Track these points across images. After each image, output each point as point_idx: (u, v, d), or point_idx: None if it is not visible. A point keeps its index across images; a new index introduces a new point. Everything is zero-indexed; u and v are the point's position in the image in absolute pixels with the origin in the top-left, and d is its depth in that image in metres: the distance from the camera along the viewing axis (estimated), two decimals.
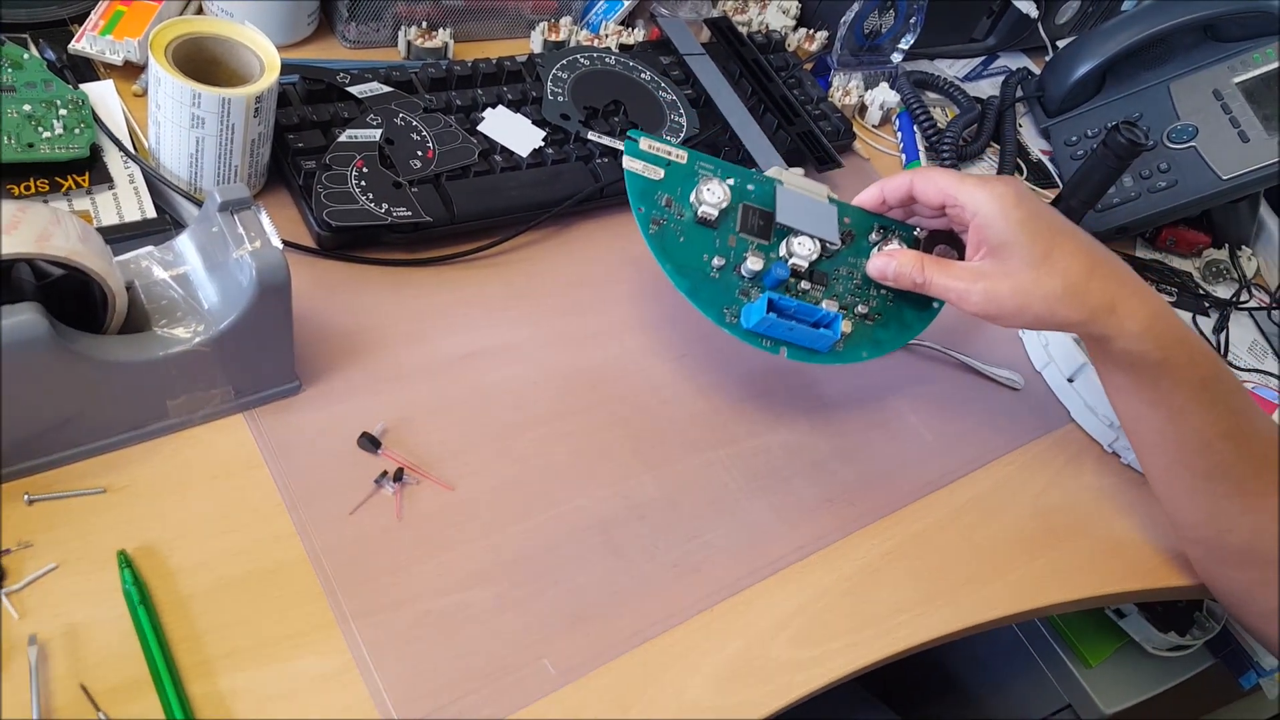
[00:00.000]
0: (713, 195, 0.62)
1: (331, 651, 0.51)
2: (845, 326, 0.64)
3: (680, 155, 0.63)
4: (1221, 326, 0.92)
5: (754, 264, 0.63)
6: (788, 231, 0.65)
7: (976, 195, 0.60)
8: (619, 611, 0.57)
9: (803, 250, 0.64)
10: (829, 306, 0.64)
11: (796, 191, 0.66)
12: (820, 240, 0.64)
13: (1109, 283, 0.58)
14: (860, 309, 0.66)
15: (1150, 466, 0.65)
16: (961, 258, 0.65)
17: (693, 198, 0.63)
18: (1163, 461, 0.64)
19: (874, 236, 0.67)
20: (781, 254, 0.64)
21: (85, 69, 0.70)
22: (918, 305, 0.67)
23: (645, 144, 0.63)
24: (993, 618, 0.63)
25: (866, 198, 0.66)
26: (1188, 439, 0.61)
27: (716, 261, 0.63)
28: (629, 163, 0.62)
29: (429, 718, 0.50)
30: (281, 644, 0.51)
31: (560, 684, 0.53)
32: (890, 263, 0.63)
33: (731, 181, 0.64)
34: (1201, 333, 0.91)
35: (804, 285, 0.65)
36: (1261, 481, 0.60)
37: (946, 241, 0.67)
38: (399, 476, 0.58)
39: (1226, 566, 0.63)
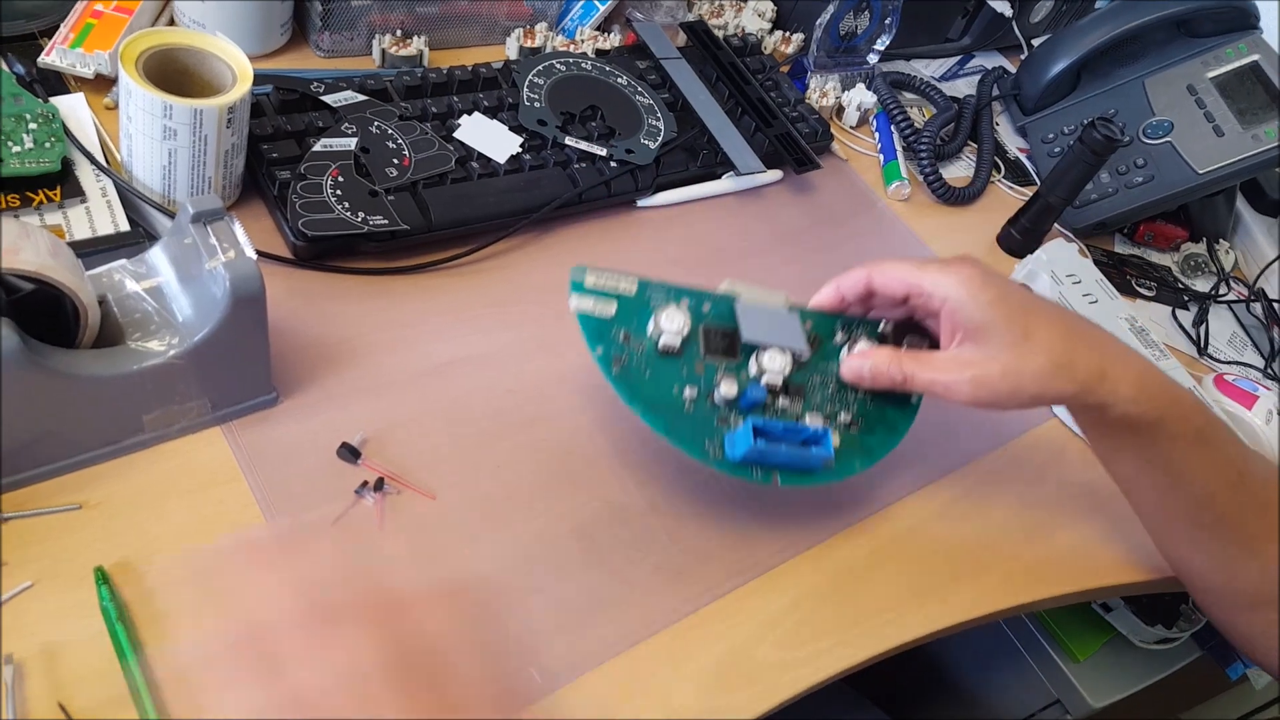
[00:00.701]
0: (672, 323, 0.57)
1: None
2: (834, 439, 0.59)
3: (628, 285, 0.58)
4: (1201, 320, 0.92)
5: (728, 389, 0.58)
6: (755, 347, 0.59)
7: (942, 281, 0.57)
8: (603, 618, 0.56)
9: (774, 365, 0.58)
10: (813, 421, 0.59)
11: (755, 304, 0.61)
12: (789, 351, 0.59)
13: (1092, 351, 0.57)
14: (843, 417, 0.61)
15: (1153, 523, 0.64)
16: (933, 347, 0.62)
17: (650, 328, 0.58)
18: (1165, 517, 0.62)
19: (840, 338, 0.62)
20: (752, 373, 0.59)
21: (55, 83, 0.70)
22: (898, 403, 0.62)
23: (591, 279, 0.57)
24: (979, 614, 0.63)
25: (824, 299, 0.63)
26: (1190, 493, 0.59)
27: (688, 393, 0.58)
28: (577, 302, 0.57)
29: None
30: None
31: (546, 692, 0.53)
32: (865, 364, 0.59)
33: (687, 303, 0.59)
34: (1181, 326, 0.91)
35: (782, 402, 0.59)
36: (1265, 525, 0.59)
37: (914, 332, 0.63)
38: (380, 486, 0.58)
39: (1239, 612, 0.62)
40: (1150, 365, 0.58)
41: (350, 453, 0.58)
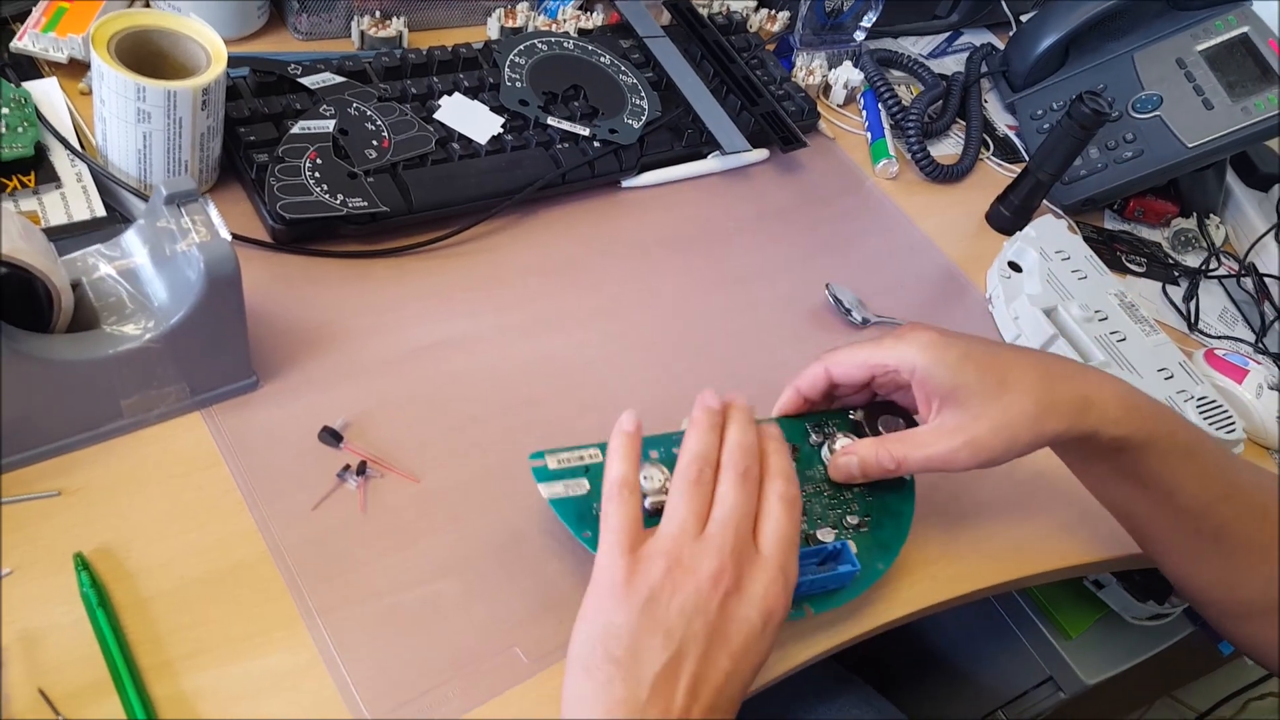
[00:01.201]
0: (652, 482, 0.53)
1: (297, 649, 0.50)
2: (852, 548, 0.55)
3: (593, 453, 0.54)
4: (1191, 295, 0.92)
5: None
6: None
7: (904, 352, 0.55)
8: None
9: None
10: (825, 536, 0.56)
11: None
12: None
13: (1070, 381, 0.55)
14: (850, 520, 0.58)
15: (1150, 545, 0.63)
16: (909, 422, 0.60)
17: None
18: (1164, 536, 0.61)
19: (814, 439, 0.60)
20: None
21: (28, 67, 0.69)
22: (895, 486, 0.59)
23: (553, 461, 0.54)
24: (969, 591, 0.63)
25: (785, 403, 0.61)
26: (1185, 509, 0.58)
27: None
28: (548, 489, 0.53)
29: (400, 712, 0.50)
30: (245, 642, 0.50)
31: (533, 672, 0.53)
32: (852, 460, 0.57)
33: (657, 455, 0.55)
34: (1171, 302, 0.91)
35: None
36: (1264, 534, 0.59)
37: (887, 412, 0.61)
38: (362, 470, 0.57)
39: (1246, 623, 0.62)
40: (1128, 385, 0.57)
41: (332, 436, 0.58)
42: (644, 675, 0.45)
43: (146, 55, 0.62)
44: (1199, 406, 0.75)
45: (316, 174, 0.65)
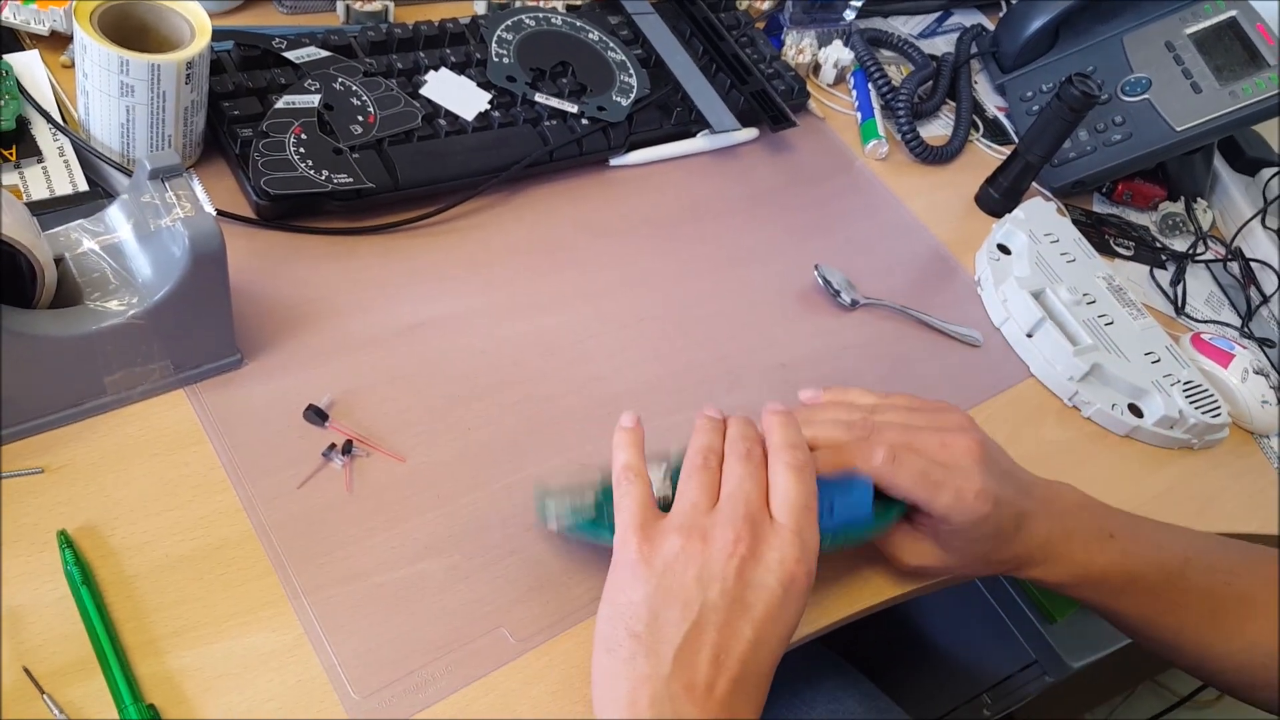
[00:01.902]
0: (657, 476, 0.53)
1: (282, 628, 0.50)
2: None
3: (591, 478, 0.55)
4: (1178, 279, 0.92)
5: None
6: None
7: (939, 507, 0.55)
8: (576, 579, 0.56)
9: None
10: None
11: None
12: None
13: (1052, 529, 0.59)
14: None
15: (1137, 636, 0.65)
16: None
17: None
18: (1144, 633, 0.64)
19: None
20: None
21: (9, 40, 0.68)
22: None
23: (554, 505, 0.55)
24: None
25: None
26: (1163, 625, 0.62)
27: None
28: (558, 524, 0.55)
29: (386, 692, 0.49)
30: (230, 621, 0.50)
31: (520, 652, 0.53)
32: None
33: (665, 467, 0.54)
34: (1159, 285, 0.91)
35: None
36: (1219, 624, 0.62)
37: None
38: (348, 449, 0.57)
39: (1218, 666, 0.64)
40: (1086, 540, 0.60)
41: (317, 415, 0.57)
42: (665, 648, 0.46)
43: (130, 28, 0.61)
44: (1185, 390, 0.75)
45: (301, 149, 0.65)
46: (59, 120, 0.63)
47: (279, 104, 0.66)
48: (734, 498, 0.49)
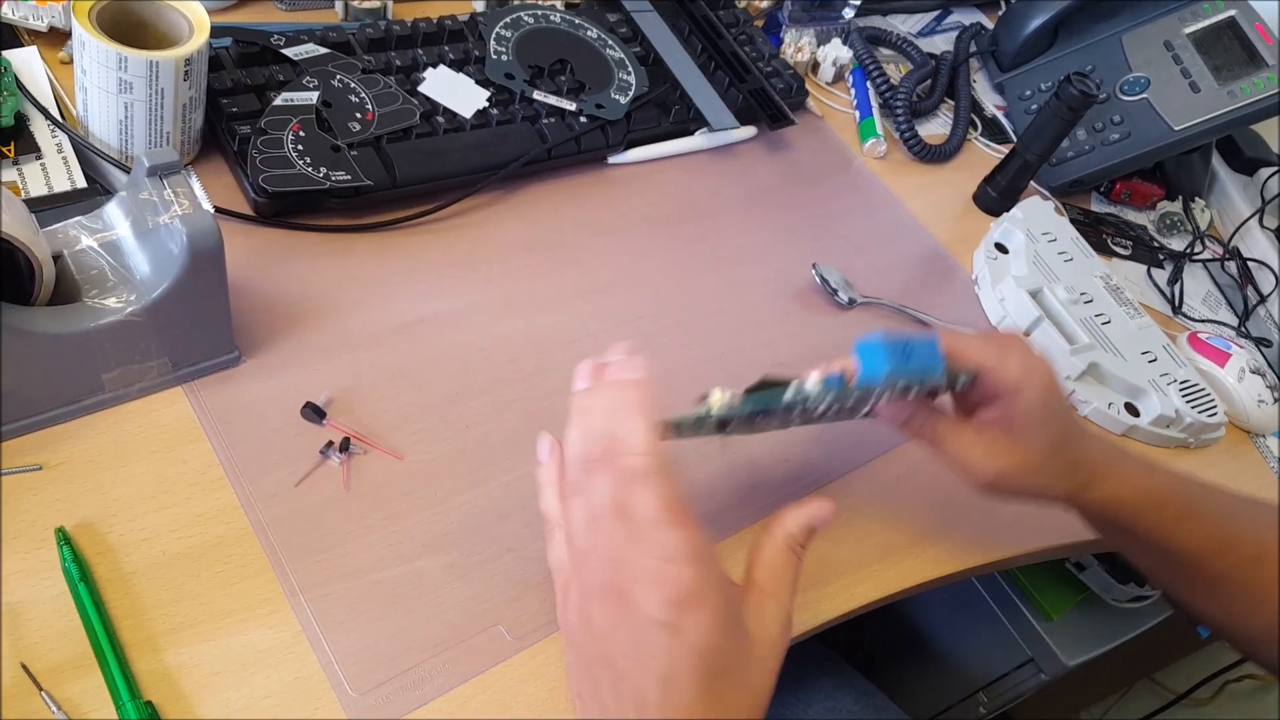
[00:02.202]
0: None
1: (280, 625, 0.50)
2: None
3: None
4: (1175, 278, 0.92)
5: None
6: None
7: (1010, 370, 0.54)
8: None
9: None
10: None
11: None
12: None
13: (1093, 465, 0.57)
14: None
15: (1153, 579, 0.66)
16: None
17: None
18: (1163, 579, 0.63)
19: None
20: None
21: (8, 36, 0.68)
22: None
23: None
24: (951, 571, 0.63)
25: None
26: (1181, 562, 0.60)
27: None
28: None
29: (383, 690, 0.49)
30: (228, 618, 0.50)
31: (516, 650, 0.53)
32: (903, 410, 0.56)
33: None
34: (1156, 285, 0.91)
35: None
36: (1260, 578, 0.60)
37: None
38: (345, 446, 0.57)
39: (1256, 647, 0.63)
40: (1138, 462, 0.58)
41: (315, 413, 0.57)
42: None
43: (128, 25, 0.61)
44: (1182, 390, 0.75)
45: (299, 146, 0.65)
46: (57, 117, 0.63)
47: (277, 101, 0.66)
48: (584, 524, 0.44)
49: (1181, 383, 0.76)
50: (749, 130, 0.85)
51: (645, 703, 0.41)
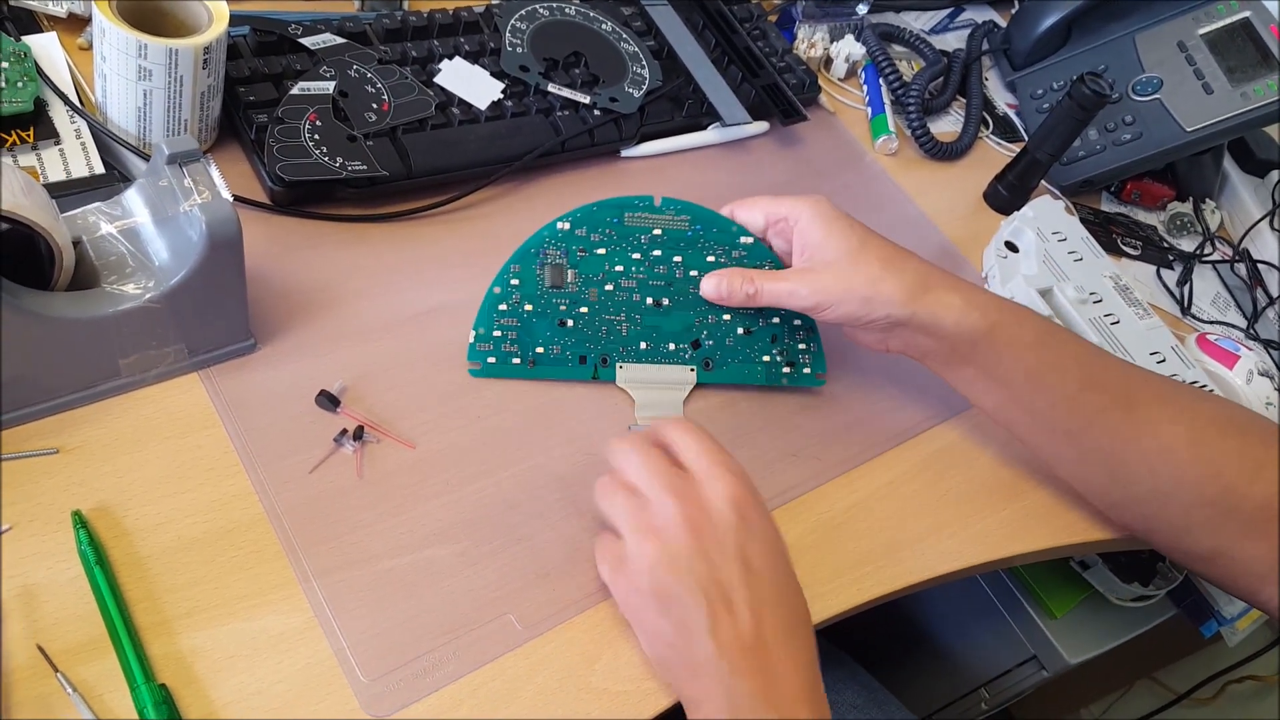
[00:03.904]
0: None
1: (292, 611, 0.51)
2: None
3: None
4: (1185, 279, 0.92)
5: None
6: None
7: (797, 204, 0.63)
8: (583, 567, 0.56)
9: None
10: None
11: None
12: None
13: (919, 266, 0.61)
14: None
15: (1038, 449, 0.66)
16: None
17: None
18: (1045, 438, 0.64)
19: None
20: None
21: (28, 22, 0.68)
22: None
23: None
24: (958, 568, 0.64)
25: None
26: (1047, 400, 0.62)
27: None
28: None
29: (395, 676, 0.50)
30: (241, 603, 0.50)
31: (526, 639, 0.53)
32: (721, 281, 0.64)
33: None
34: (1165, 286, 0.91)
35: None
36: (1139, 415, 0.61)
37: None
38: (359, 435, 0.57)
39: (1132, 511, 0.64)
40: (976, 285, 0.62)
41: (329, 401, 0.58)
42: (699, 638, 0.49)
43: (148, 12, 0.61)
44: None
45: (316, 136, 0.65)
46: (76, 103, 0.63)
47: (294, 90, 0.66)
48: (647, 480, 0.52)
49: (1190, 384, 0.76)
50: (761, 125, 0.85)
51: (740, 594, 0.49)
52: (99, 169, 0.62)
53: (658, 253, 0.66)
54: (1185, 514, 0.61)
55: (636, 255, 0.65)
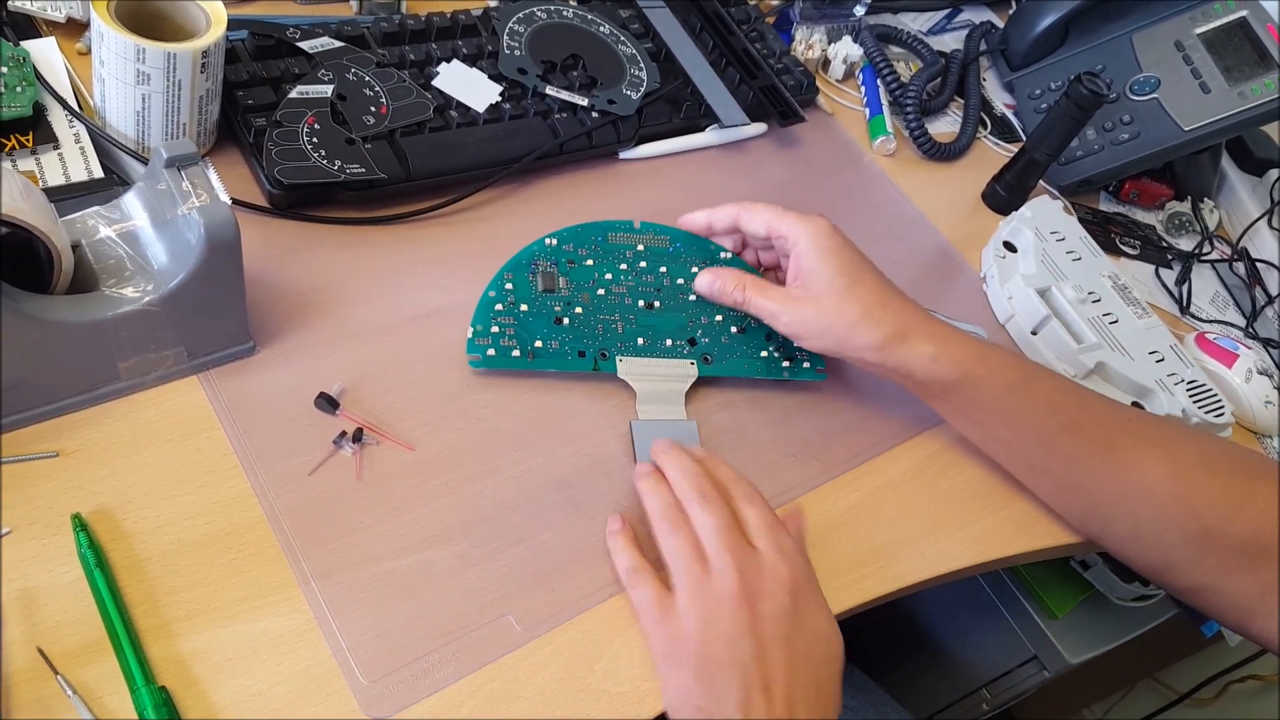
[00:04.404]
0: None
1: (292, 613, 0.51)
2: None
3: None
4: (1184, 279, 0.92)
5: None
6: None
7: (797, 226, 0.64)
8: (582, 568, 0.56)
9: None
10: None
11: (652, 421, 0.64)
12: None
13: (900, 315, 0.62)
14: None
15: (1020, 479, 0.67)
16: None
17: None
18: (1023, 473, 0.66)
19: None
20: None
21: (26, 26, 0.68)
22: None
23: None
24: (957, 568, 0.64)
25: (692, 223, 0.69)
26: (1025, 442, 0.64)
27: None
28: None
29: (394, 678, 0.50)
30: (241, 605, 0.50)
31: (525, 640, 0.53)
32: (715, 280, 0.65)
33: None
34: (1164, 285, 0.91)
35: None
36: (1119, 458, 0.62)
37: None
38: (358, 437, 0.57)
39: (1113, 545, 0.65)
40: (956, 332, 0.63)
41: (328, 403, 0.58)
42: (728, 708, 0.49)
43: (146, 16, 0.61)
44: (1189, 390, 0.76)
45: (314, 139, 0.65)
46: (75, 107, 0.63)
47: (292, 94, 0.67)
48: (719, 546, 0.53)
49: (1189, 383, 0.76)
50: (759, 126, 0.85)
51: (776, 677, 0.50)
52: (98, 173, 0.62)
53: (644, 264, 0.67)
54: (1165, 552, 0.62)
55: (624, 266, 0.67)
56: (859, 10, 0.97)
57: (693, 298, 0.68)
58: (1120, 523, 0.63)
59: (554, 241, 0.66)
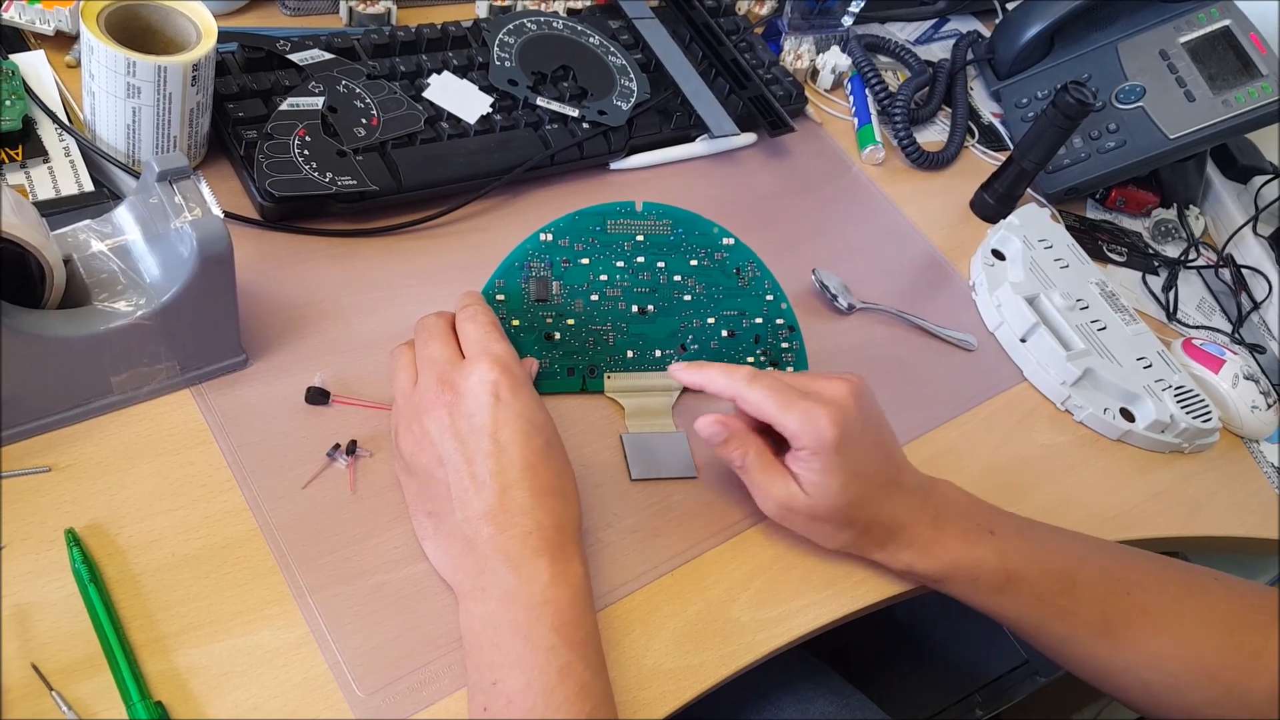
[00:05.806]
0: None
1: (288, 626, 0.51)
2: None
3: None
4: (1170, 285, 0.93)
5: None
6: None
7: (802, 425, 0.55)
8: None
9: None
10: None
11: (644, 434, 0.64)
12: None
13: (885, 530, 0.59)
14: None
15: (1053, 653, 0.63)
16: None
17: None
18: (1027, 640, 0.63)
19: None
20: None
21: (14, 40, 0.68)
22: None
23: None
24: None
25: (692, 380, 0.59)
26: (1022, 627, 0.61)
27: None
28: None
29: (390, 690, 0.50)
30: (236, 619, 0.50)
31: None
32: (720, 430, 0.58)
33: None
34: (1151, 291, 0.92)
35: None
36: (1118, 637, 0.59)
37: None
38: (352, 449, 0.57)
39: (1128, 700, 0.62)
40: (941, 532, 0.59)
41: (320, 395, 0.58)
42: (444, 504, 0.52)
43: (136, 29, 0.61)
44: (1176, 395, 0.76)
45: (305, 151, 0.65)
46: (65, 121, 0.63)
47: (283, 106, 0.67)
48: (424, 368, 0.55)
49: (1176, 389, 0.77)
50: (749, 137, 0.86)
51: (484, 466, 0.51)
52: (88, 187, 0.62)
53: (641, 259, 0.67)
54: (1192, 712, 0.59)
55: (620, 263, 0.66)
56: (847, 20, 0.98)
57: (687, 297, 0.68)
58: (1134, 690, 0.60)
59: (549, 236, 0.65)
